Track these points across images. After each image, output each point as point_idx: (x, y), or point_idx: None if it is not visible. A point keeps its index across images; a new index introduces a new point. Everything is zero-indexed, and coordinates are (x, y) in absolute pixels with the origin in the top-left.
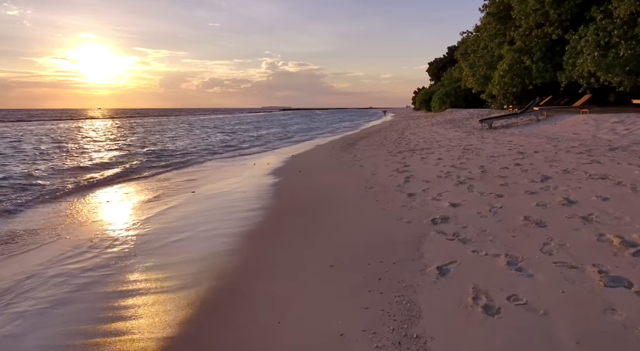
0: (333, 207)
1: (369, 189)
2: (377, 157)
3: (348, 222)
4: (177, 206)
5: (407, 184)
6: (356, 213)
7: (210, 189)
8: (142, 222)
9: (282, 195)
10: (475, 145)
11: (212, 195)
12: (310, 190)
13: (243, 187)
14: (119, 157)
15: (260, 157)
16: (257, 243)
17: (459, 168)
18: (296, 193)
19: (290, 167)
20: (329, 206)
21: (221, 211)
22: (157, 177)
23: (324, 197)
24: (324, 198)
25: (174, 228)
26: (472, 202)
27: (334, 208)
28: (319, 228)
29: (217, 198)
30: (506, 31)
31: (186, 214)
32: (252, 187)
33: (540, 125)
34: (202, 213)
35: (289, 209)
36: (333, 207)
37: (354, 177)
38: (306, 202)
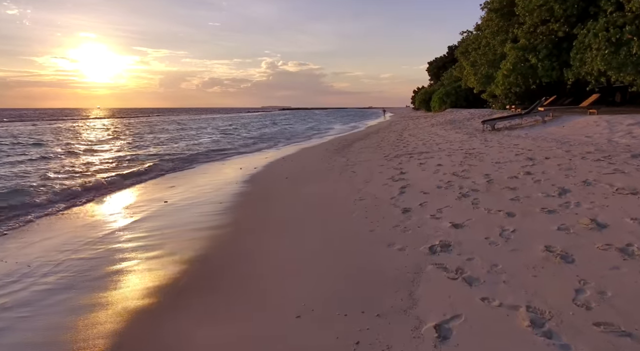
0: (315, 225)
1: (359, 201)
2: (371, 162)
3: (330, 248)
4: (140, 220)
5: (402, 196)
6: (341, 234)
7: (184, 198)
8: (96, 242)
9: (260, 208)
10: (479, 149)
11: (184, 206)
12: (292, 202)
13: (220, 196)
14: (103, 163)
15: (249, 160)
16: (205, 278)
17: (461, 176)
18: (276, 206)
19: (278, 172)
20: (311, 224)
21: (184, 228)
22: (137, 185)
23: (307, 211)
24: (306, 213)
25: (121, 253)
26: (477, 222)
27: (315, 228)
28: (291, 256)
29: (187, 210)
30: (509, 28)
31: (145, 231)
32: (230, 197)
33: (547, 127)
34: (161, 231)
35: (262, 227)
36: (315, 225)
37: (344, 186)
38: (284, 219)
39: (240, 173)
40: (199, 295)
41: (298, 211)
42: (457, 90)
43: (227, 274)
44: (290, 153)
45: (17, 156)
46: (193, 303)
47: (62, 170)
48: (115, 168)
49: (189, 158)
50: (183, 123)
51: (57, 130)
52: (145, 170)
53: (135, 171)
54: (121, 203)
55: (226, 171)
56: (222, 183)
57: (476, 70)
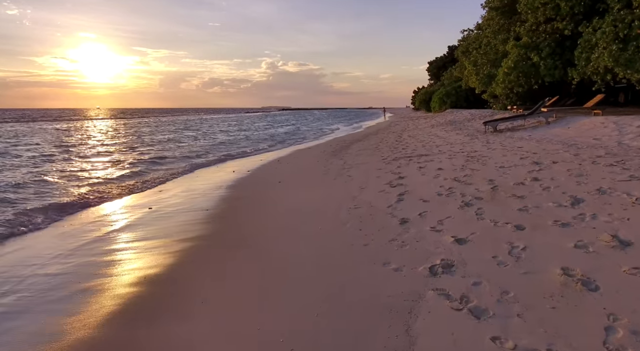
0: (304, 238)
1: (354, 210)
2: (369, 165)
3: (318, 266)
4: (119, 229)
5: (400, 204)
6: (331, 249)
7: (170, 205)
8: (67, 255)
9: (245, 217)
10: (481, 152)
11: (168, 213)
12: (281, 211)
13: (208, 202)
14: (93, 167)
15: (243, 163)
16: (161, 308)
17: (463, 182)
18: (264, 214)
19: (272, 175)
20: (299, 237)
21: (161, 240)
22: (127, 189)
23: (296, 220)
24: (295, 223)
25: (90, 269)
26: (483, 236)
27: (304, 242)
28: (271, 279)
29: (170, 219)
30: (511, 27)
31: (121, 243)
32: (219, 202)
33: (551, 129)
34: (136, 243)
35: (242, 240)
36: (304, 238)
37: (339, 192)
38: (269, 230)
39: (233, 176)
40: (155, 325)
41: (286, 221)
42: (457, 90)
43: (183, 300)
44: (287, 154)
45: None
46: (153, 336)
47: (48, 175)
48: (105, 172)
49: (183, 158)
50: (184, 122)
51: (49, 132)
52: (133, 174)
53: (125, 174)
54: (105, 209)
55: (219, 174)
56: (211, 187)
57: (478, 70)
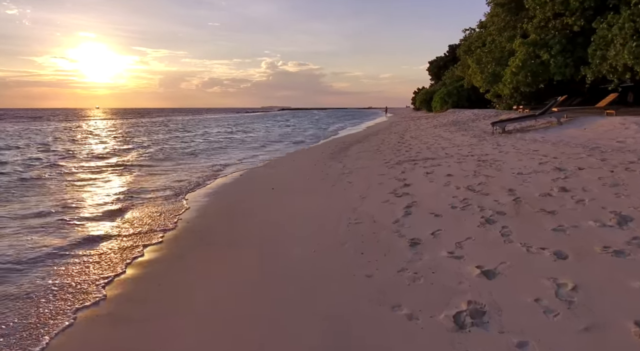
0: (294, 265)
1: (354, 225)
2: (370, 169)
3: (307, 306)
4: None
5: (408, 219)
6: (325, 285)
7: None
8: None
9: (226, 233)
10: (492, 155)
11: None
12: (271, 225)
13: (181, 213)
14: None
15: (239, 164)
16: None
17: (478, 192)
18: (248, 232)
19: (265, 180)
20: (290, 262)
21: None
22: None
23: (289, 237)
24: (287, 242)
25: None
26: (516, 266)
27: (293, 270)
28: (250, 329)
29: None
30: (517, 23)
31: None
32: (193, 214)
33: (565, 130)
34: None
35: (212, 267)
36: (294, 265)
37: (338, 202)
38: (254, 254)
39: (221, 181)
40: None
41: (275, 239)
42: (459, 90)
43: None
44: (283, 156)
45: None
46: None
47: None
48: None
49: (178, 159)
50: (182, 122)
51: (38, 133)
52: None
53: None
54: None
55: (210, 176)
56: (199, 192)
57: (482, 69)
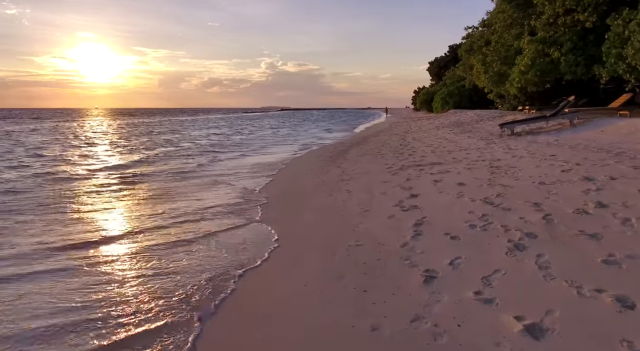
0: (270, 311)
1: (355, 249)
2: (371, 176)
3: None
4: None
5: (418, 241)
6: (317, 341)
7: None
8: None
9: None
10: (505, 161)
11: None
12: (257, 249)
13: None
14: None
15: (231, 171)
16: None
17: (498, 206)
18: (228, 261)
19: (257, 189)
20: (270, 302)
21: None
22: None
23: (269, 269)
24: (271, 273)
25: None
26: (568, 319)
27: (274, 316)
28: None
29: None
30: (524, 20)
31: None
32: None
33: (580, 132)
34: None
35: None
36: (270, 311)
37: (335, 216)
38: (231, 290)
39: (210, 192)
40: None
41: (258, 268)
42: (460, 90)
43: None
44: (278, 160)
45: None
46: None
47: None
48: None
49: (162, 164)
50: (178, 123)
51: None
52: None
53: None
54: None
55: (195, 187)
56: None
57: (487, 68)
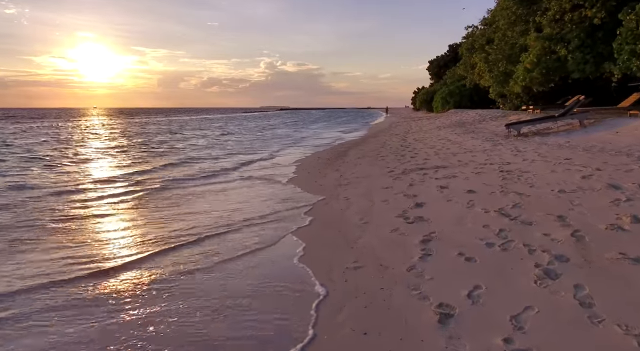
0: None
1: (353, 273)
2: (371, 180)
3: None
4: None
5: (428, 263)
6: None
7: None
8: None
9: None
10: (516, 164)
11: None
12: (238, 270)
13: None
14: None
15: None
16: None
17: (516, 220)
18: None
19: (247, 193)
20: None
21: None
22: None
23: (246, 291)
24: (245, 307)
25: None
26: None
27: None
28: None
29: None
30: (529, 17)
31: None
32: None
33: (592, 133)
34: None
35: None
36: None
37: (330, 229)
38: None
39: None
40: None
41: (230, 294)
42: (461, 89)
43: None
44: (272, 164)
45: None
46: None
47: None
48: None
49: (153, 171)
50: (176, 123)
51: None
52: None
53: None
54: None
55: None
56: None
57: (491, 67)
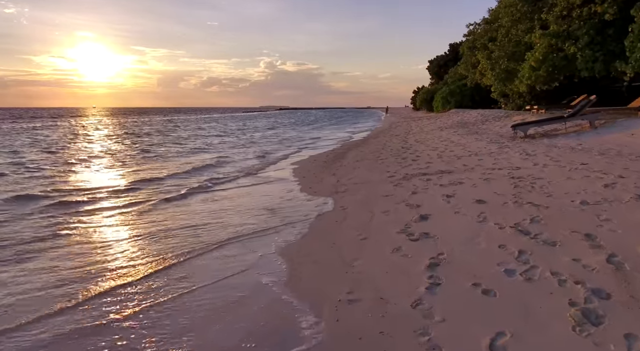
0: None
1: (346, 307)
2: (371, 186)
3: None
4: None
5: (436, 298)
6: None
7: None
8: None
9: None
10: (527, 170)
11: None
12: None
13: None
14: None
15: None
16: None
17: (538, 239)
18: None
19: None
20: None
21: None
22: None
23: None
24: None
25: None
26: None
27: None
28: None
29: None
30: (534, 14)
31: None
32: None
33: (604, 135)
34: None
35: None
36: None
37: (323, 247)
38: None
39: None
40: None
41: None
42: (462, 89)
43: None
44: (266, 166)
45: None
46: None
47: None
48: None
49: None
50: (172, 123)
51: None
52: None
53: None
54: None
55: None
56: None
57: (494, 65)
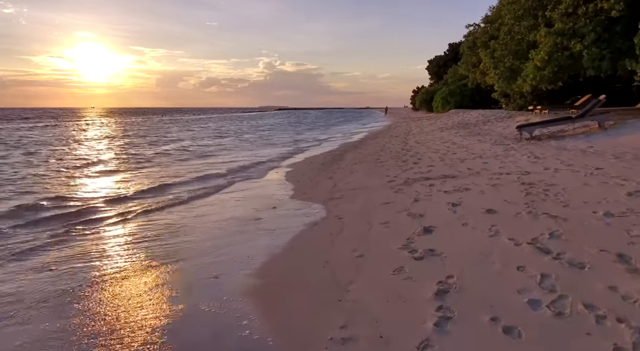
0: None
1: (340, 347)
2: (369, 192)
3: None
4: None
5: (447, 339)
6: None
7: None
8: None
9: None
10: (538, 175)
11: None
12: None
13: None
14: None
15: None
16: None
17: (562, 259)
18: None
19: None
20: None
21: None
22: None
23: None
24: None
25: None
26: None
27: None
28: None
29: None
30: (538, 11)
31: None
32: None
33: (616, 137)
34: None
35: None
36: None
37: (314, 267)
38: None
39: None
40: None
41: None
42: (462, 89)
43: None
44: (261, 168)
45: None
46: None
47: None
48: None
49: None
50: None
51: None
52: None
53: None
54: None
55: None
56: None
57: (497, 63)
